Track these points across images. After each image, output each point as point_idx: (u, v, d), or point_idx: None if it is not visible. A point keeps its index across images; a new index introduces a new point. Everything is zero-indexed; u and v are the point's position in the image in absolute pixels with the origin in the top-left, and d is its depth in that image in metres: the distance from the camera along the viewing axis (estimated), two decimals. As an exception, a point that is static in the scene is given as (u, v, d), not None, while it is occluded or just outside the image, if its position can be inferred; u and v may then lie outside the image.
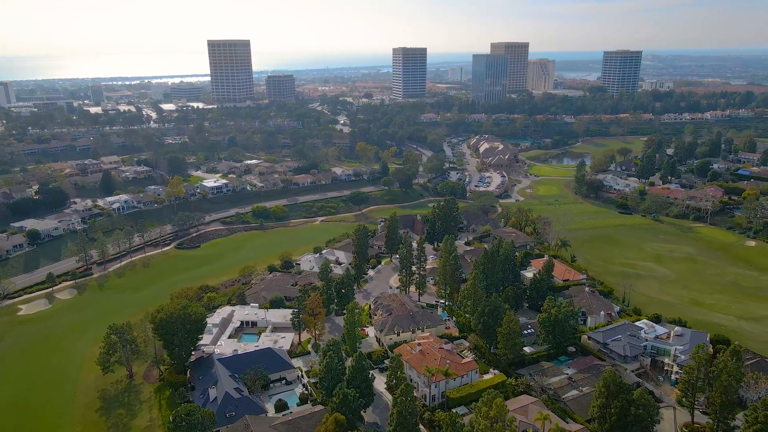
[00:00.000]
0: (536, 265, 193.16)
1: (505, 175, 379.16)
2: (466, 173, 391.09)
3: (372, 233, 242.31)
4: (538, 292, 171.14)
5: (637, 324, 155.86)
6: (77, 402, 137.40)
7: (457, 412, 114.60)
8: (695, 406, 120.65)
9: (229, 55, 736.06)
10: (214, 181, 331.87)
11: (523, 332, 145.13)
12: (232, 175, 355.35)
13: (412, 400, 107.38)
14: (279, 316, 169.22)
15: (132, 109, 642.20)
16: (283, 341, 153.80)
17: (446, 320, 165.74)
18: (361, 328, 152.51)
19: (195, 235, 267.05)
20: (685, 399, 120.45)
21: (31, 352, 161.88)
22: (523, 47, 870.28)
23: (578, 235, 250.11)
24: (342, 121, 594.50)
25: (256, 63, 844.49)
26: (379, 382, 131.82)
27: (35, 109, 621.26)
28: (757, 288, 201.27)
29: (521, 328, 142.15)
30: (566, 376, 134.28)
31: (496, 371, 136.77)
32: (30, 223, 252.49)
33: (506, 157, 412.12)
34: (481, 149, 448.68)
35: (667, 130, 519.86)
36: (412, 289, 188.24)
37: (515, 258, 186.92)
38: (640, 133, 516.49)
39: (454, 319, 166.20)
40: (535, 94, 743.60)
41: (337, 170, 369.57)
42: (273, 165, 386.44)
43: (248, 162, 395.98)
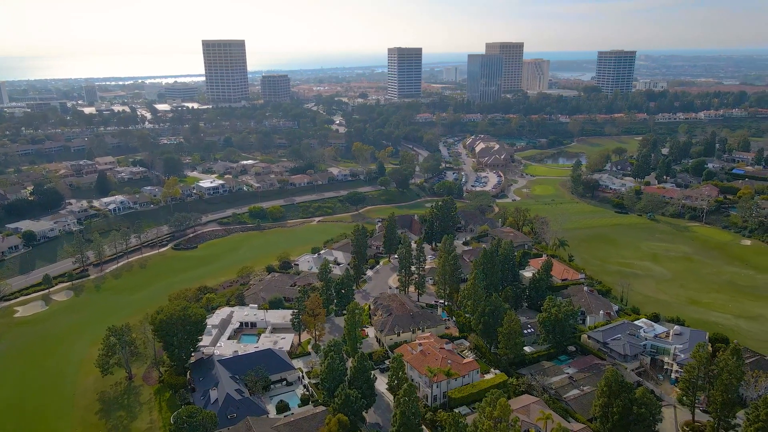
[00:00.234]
0: (535, 265, 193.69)
1: (502, 174, 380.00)
2: (463, 173, 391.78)
3: (370, 233, 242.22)
4: (537, 291, 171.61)
5: (636, 323, 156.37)
6: (76, 404, 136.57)
7: (459, 412, 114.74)
8: (696, 405, 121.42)
9: (224, 55, 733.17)
10: (211, 182, 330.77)
11: (523, 332, 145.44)
12: (229, 176, 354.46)
13: (415, 401, 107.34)
14: (278, 316, 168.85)
15: (126, 109, 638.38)
16: (282, 342, 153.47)
17: (446, 320, 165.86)
18: (361, 329, 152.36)
19: (192, 235, 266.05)
20: (685, 398, 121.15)
21: (28, 355, 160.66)
22: (518, 47, 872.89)
23: (575, 234, 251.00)
24: (338, 122, 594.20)
25: (256, 63, 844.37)
26: (380, 383, 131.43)
27: (28, 110, 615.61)
28: (754, 287, 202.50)
29: (521, 328, 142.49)
30: (567, 376, 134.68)
31: (497, 371, 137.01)
32: (25, 225, 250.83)
33: (502, 157, 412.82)
34: (477, 149, 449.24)
35: (662, 130, 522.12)
36: (412, 289, 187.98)
37: (514, 258, 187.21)
38: (635, 133, 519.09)
39: (454, 319, 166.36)
40: (530, 94, 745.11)
41: (334, 170, 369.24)
42: (269, 165, 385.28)
43: (244, 162, 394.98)
